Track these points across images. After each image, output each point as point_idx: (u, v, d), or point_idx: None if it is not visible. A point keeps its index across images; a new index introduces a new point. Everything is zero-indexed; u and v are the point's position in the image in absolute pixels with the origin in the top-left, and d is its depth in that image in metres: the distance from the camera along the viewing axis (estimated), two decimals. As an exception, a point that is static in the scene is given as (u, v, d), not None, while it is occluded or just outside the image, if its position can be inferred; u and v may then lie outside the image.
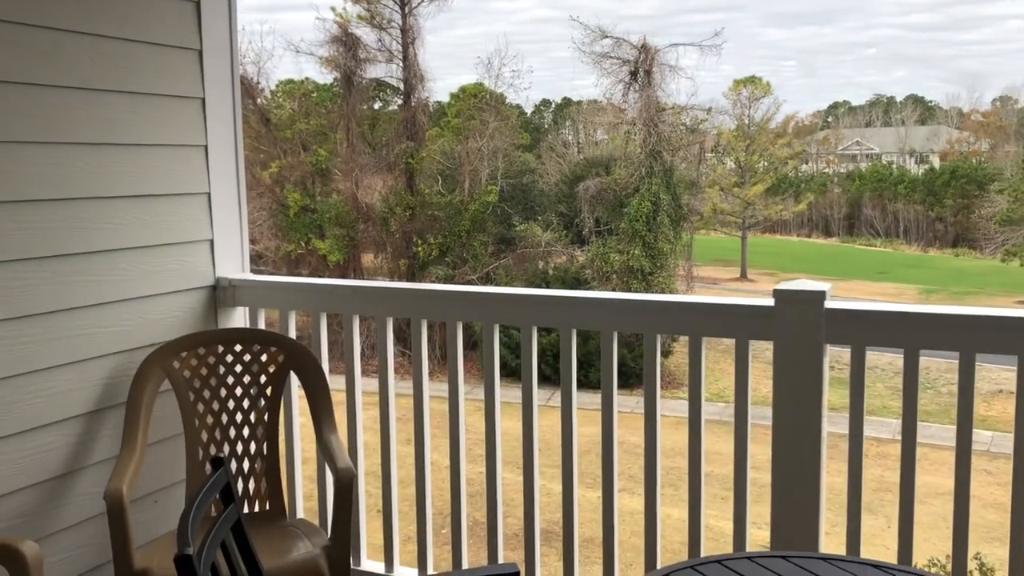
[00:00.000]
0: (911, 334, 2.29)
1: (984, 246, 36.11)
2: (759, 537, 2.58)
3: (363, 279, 26.26)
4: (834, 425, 2.49)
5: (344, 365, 3.22)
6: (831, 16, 65.13)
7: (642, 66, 28.47)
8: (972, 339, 2.21)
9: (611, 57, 29.06)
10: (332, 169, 27.55)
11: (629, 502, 2.98)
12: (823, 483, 2.40)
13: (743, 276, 40.97)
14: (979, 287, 35.94)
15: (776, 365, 2.40)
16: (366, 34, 27.02)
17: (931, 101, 54.55)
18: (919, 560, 4.79)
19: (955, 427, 2.26)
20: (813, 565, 1.82)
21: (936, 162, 46.37)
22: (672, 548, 2.77)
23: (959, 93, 59.31)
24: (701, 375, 2.55)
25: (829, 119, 55.39)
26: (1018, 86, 49.24)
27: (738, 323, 2.49)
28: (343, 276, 26.82)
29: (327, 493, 3.25)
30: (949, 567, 2.51)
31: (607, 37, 28.98)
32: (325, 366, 3.21)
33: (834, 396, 2.41)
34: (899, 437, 2.34)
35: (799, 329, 2.36)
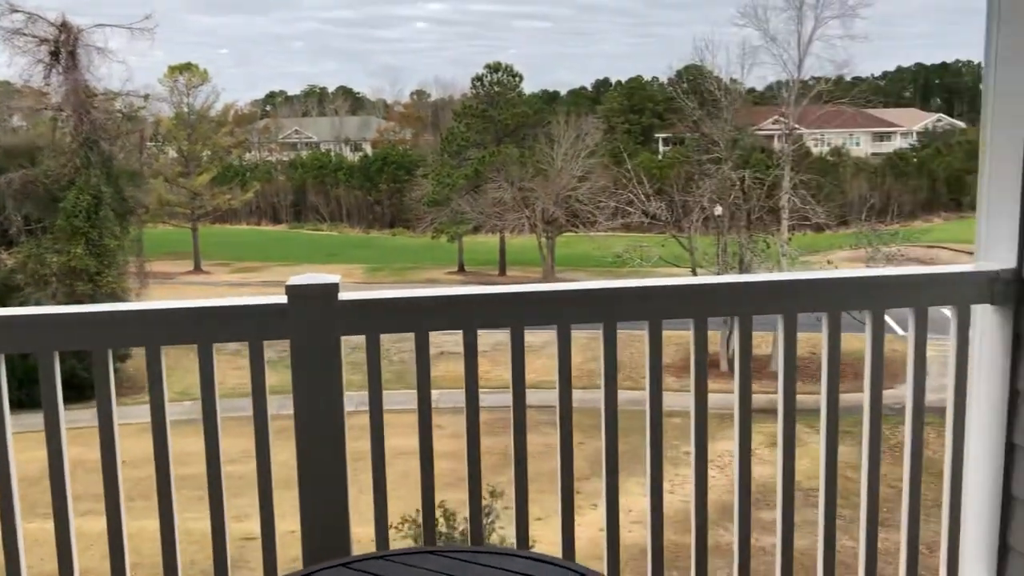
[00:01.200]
0: (411, 318, 2.43)
1: (416, 225, 40.33)
2: (239, 530, 2.52)
3: None
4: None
5: None
6: (260, 6, 66.25)
7: (64, 46, 26.02)
8: (470, 317, 2.44)
9: (25, 34, 26.04)
10: None
11: (95, 524, 2.69)
12: (348, 473, 2.40)
13: (197, 268, 39.96)
14: (416, 262, 40.07)
15: (295, 362, 2.33)
16: None
17: (359, 93, 58.82)
18: (393, 519, 5.16)
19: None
20: (371, 566, 1.81)
21: (369, 150, 50.32)
22: (150, 563, 2.58)
23: (383, 87, 64.73)
24: (213, 382, 2.37)
25: (268, 108, 56.58)
26: (430, 82, 55.55)
27: (252, 325, 2.36)
28: None
29: None
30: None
31: (17, 11, 25.89)
32: None
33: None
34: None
35: (316, 324, 2.32)
